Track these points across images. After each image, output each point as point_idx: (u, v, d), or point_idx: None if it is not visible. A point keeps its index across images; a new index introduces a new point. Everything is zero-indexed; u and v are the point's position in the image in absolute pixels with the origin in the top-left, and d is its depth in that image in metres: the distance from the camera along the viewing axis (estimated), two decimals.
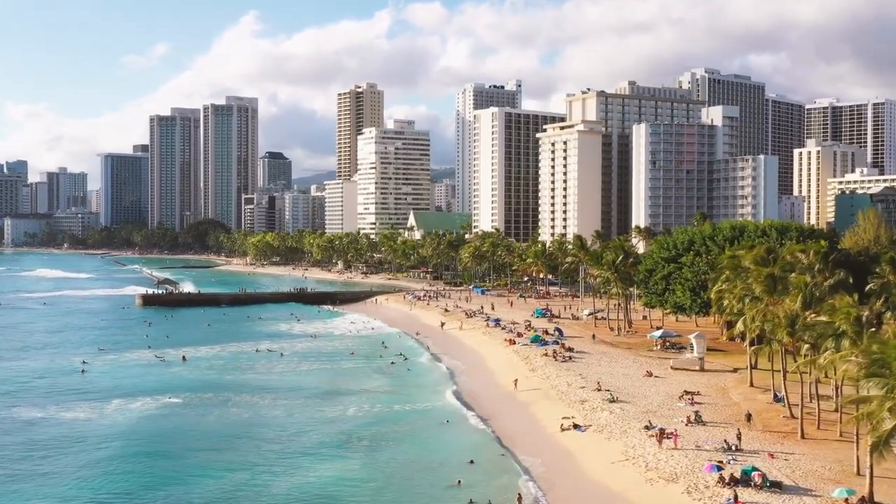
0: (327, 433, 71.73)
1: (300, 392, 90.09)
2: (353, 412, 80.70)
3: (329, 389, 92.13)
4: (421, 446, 67.76)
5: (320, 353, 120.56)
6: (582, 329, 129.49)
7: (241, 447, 67.25)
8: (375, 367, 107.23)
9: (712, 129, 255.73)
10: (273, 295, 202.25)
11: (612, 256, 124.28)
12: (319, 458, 64.31)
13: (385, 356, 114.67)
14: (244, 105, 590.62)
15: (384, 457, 64.79)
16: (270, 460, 63.68)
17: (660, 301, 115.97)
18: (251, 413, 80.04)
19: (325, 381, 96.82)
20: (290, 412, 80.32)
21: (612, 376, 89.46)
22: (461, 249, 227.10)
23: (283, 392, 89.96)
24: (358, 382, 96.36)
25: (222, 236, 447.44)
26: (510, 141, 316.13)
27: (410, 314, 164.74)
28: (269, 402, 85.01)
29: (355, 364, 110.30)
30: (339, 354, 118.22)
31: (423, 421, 76.35)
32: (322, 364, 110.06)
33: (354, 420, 77.19)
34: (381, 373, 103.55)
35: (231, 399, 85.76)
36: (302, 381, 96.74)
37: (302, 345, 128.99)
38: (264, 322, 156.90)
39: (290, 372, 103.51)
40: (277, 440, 69.78)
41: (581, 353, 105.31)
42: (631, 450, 61.57)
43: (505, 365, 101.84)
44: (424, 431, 72.58)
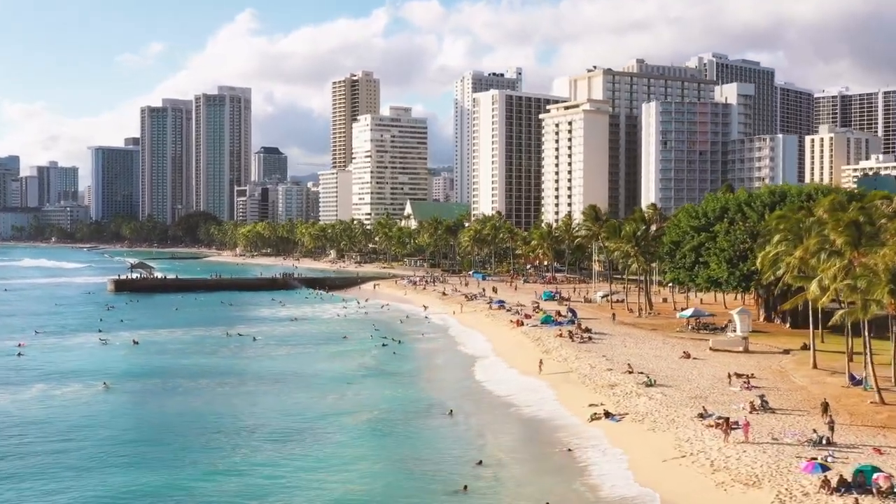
0: (294, 425, 56.99)
1: (271, 378, 75.29)
2: (331, 400, 66.00)
3: (307, 375, 77.36)
4: (417, 443, 53.16)
5: (303, 336, 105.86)
6: (597, 311, 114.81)
7: (177, 440, 52.63)
8: (363, 351, 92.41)
9: (727, 107, 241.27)
10: (257, 280, 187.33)
11: (632, 227, 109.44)
12: (278, 457, 49.54)
13: (376, 339, 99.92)
14: (237, 96, 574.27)
15: (368, 456, 50.05)
16: (214, 457, 48.96)
17: (689, 276, 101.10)
18: (202, 401, 65.28)
19: (304, 366, 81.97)
20: (253, 400, 65.59)
21: (642, 358, 74.77)
22: (460, 233, 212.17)
23: (248, 378, 75.19)
24: (341, 367, 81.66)
25: (213, 228, 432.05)
26: (511, 125, 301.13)
27: (404, 299, 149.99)
28: (228, 389, 70.25)
29: (341, 348, 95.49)
30: (325, 338, 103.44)
31: (418, 412, 61.65)
32: (303, 348, 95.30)
33: (332, 410, 62.45)
34: (369, 357, 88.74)
35: (181, 385, 71.05)
36: (275, 367, 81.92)
37: (283, 329, 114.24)
38: (243, 307, 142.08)
39: (261, 356, 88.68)
40: (229, 432, 55.09)
41: (601, 334, 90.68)
42: (686, 444, 46.86)
43: (514, 347, 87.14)
44: (421, 424, 57.91)
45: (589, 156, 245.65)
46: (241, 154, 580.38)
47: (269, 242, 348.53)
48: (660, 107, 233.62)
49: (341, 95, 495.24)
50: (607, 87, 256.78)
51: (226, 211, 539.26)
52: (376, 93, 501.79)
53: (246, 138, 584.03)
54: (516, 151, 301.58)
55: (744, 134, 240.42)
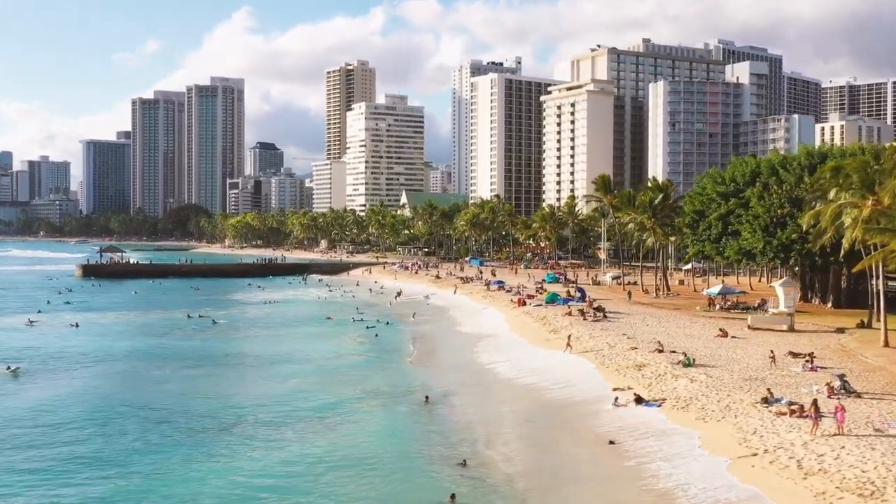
0: (227, 418, 44.14)
1: (220, 362, 62.63)
2: (294, 384, 53.39)
3: (267, 358, 64.58)
4: (394, 438, 40.41)
5: (276, 319, 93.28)
6: (608, 293, 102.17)
7: (78, 432, 39.90)
8: (341, 333, 79.71)
9: (738, 87, 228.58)
10: (235, 266, 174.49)
11: (648, 196, 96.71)
12: (195, 457, 36.80)
13: (360, 321, 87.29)
14: (229, 87, 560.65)
15: (329, 454, 37.42)
16: (117, 454, 36.31)
17: (716, 249, 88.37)
18: (129, 386, 52.63)
19: (266, 349, 69.18)
20: (194, 387, 52.86)
21: (670, 337, 62.14)
22: (457, 218, 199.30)
23: (191, 361, 62.48)
24: (311, 349, 68.92)
25: (203, 220, 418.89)
26: (511, 111, 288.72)
27: (396, 283, 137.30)
28: (167, 372, 57.63)
29: (317, 329, 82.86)
30: (300, 321, 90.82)
31: (399, 399, 48.96)
32: (273, 331, 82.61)
33: (294, 397, 49.76)
34: (347, 339, 76.10)
35: (110, 369, 58.61)
36: (231, 349, 69.24)
37: (255, 311, 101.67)
38: (217, 291, 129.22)
39: (219, 338, 75.92)
40: (148, 422, 42.39)
41: (616, 313, 78.01)
42: (755, 437, 34.18)
43: (517, 327, 74.42)
44: (400, 414, 45.19)
45: (593, 139, 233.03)
46: (235, 147, 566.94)
47: (259, 234, 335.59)
48: (668, 86, 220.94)
49: (336, 86, 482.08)
50: (612, 68, 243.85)
51: (218, 204, 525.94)
52: (372, 83, 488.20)
53: (239, 131, 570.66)
54: (516, 138, 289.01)
55: (756, 115, 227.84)
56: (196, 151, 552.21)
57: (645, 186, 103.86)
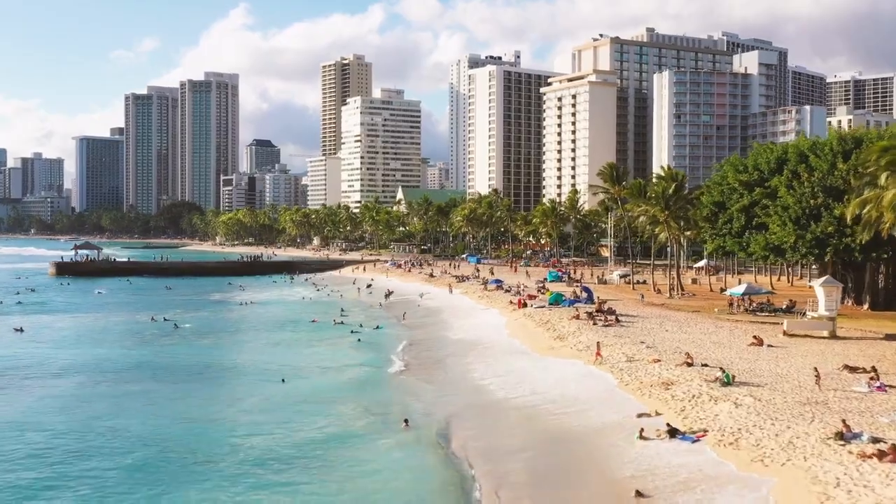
0: (179, 452, 35.31)
1: (171, 373, 53.81)
2: (252, 405, 44.57)
3: (225, 370, 55.77)
4: (366, 479, 31.51)
5: (249, 322, 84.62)
6: (617, 292, 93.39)
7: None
8: (322, 339, 70.75)
9: (746, 78, 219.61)
10: (220, 264, 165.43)
11: (660, 187, 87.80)
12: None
13: (341, 324, 78.44)
14: (224, 82, 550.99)
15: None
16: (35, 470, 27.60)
17: (738, 244, 79.45)
18: (55, 401, 43.71)
19: (226, 358, 60.34)
20: (131, 409, 43.92)
21: (697, 346, 53.33)
22: (453, 213, 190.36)
23: (138, 372, 53.66)
24: (284, 361, 59.96)
25: (196, 218, 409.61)
26: (510, 104, 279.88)
27: (386, 282, 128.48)
28: (103, 388, 48.74)
29: (294, 335, 73.89)
30: (277, 324, 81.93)
31: (375, 426, 40.19)
32: (241, 336, 73.97)
33: (247, 424, 40.91)
34: (325, 345, 67.18)
35: (38, 382, 49.65)
36: (188, 358, 60.31)
37: (228, 314, 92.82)
38: (193, 291, 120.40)
39: (181, 345, 67.01)
40: (63, 442, 33.59)
41: (629, 316, 69.18)
42: (842, 493, 25.34)
43: (518, 332, 65.54)
44: (374, 448, 36.38)
45: (595, 132, 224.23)
46: (230, 143, 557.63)
47: (251, 231, 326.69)
48: (674, 77, 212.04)
49: (331, 80, 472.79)
50: (615, 58, 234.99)
51: (212, 201, 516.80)
52: (368, 78, 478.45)
53: (234, 127, 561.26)
54: (515, 133, 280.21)
55: (765, 107, 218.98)
56: (190, 148, 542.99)
57: (656, 176, 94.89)
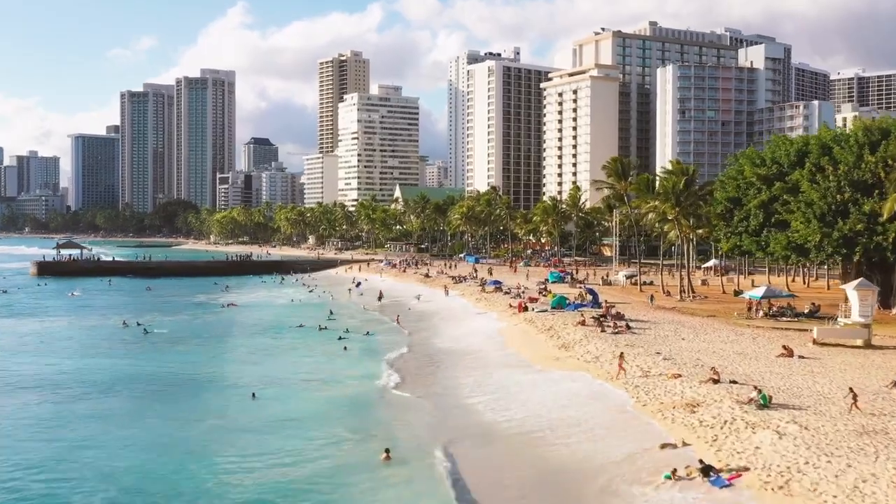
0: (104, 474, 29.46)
1: (129, 391, 47.84)
2: (209, 427, 38.75)
3: (190, 383, 49.89)
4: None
5: (230, 327, 78.79)
6: (623, 295, 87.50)
7: None
8: (304, 346, 64.90)
9: (752, 72, 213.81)
10: (208, 264, 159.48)
11: (670, 182, 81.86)
12: None
13: (325, 329, 72.59)
14: (220, 79, 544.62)
15: None
16: None
17: (755, 243, 73.49)
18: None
19: (195, 370, 54.45)
20: (70, 423, 38.04)
21: (720, 357, 47.48)
22: (450, 211, 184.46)
23: (86, 387, 47.74)
24: (258, 374, 54.05)
25: (191, 216, 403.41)
26: (509, 100, 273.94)
27: (379, 283, 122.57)
28: (36, 407, 42.75)
29: (276, 341, 67.98)
30: (259, 329, 76.02)
31: (347, 460, 34.32)
32: (216, 343, 67.99)
33: (199, 447, 35.08)
34: (306, 354, 61.32)
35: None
36: (156, 369, 54.40)
37: (209, 317, 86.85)
38: (176, 292, 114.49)
39: (147, 354, 61.14)
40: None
41: (640, 321, 63.27)
42: None
43: (517, 341, 59.65)
44: (339, 488, 30.50)
45: (596, 128, 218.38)
46: (226, 141, 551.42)
47: (246, 230, 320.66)
48: (678, 71, 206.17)
49: (328, 77, 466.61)
50: (617, 52, 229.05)
51: (208, 200, 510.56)
52: (365, 75, 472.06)
53: (230, 124, 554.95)
54: (514, 129, 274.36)
55: (772, 102, 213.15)
56: (186, 145, 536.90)
57: (665, 171, 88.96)
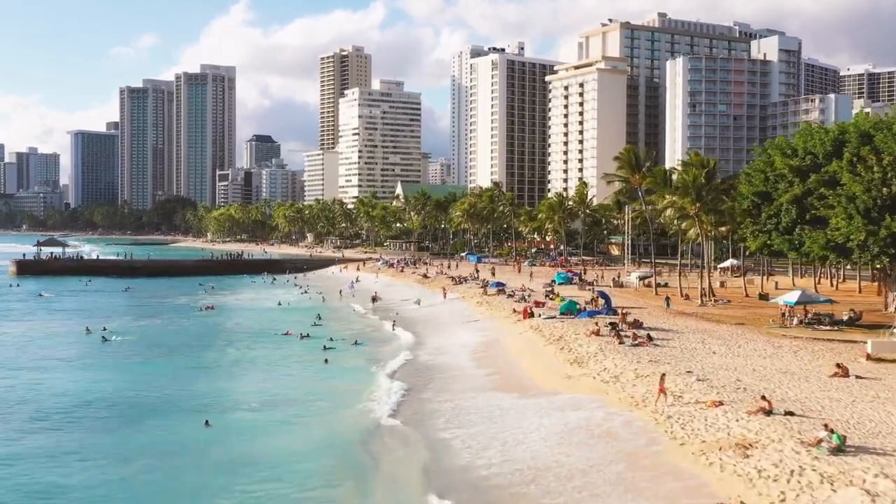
0: None
1: (66, 408, 40.70)
2: (143, 466, 31.46)
3: (150, 406, 42.63)
4: None
5: (205, 334, 71.45)
6: (637, 298, 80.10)
7: None
8: (281, 358, 57.70)
9: (766, 64, 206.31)
10: (196, 263, 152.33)
11: (692, 174, 74.35)
12: None
13: (308, 337, 65.39)
14: (220, 75, 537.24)
15: None
16: None
17: (787, 243, 66.02)
18: None
19: (157, 388, 47.18)
20: None
21: (762, 377, 40.08)
22: (452, 208, 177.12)
23: (25, 407, 40.61)
24: (230, 389, 46.90)
25: (189, 213, 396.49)
26: (513, 94, 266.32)
27: (374, 284, 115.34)
28: None
29: (251, 352, 60.78)
30: (241, 337, 68.97)
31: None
32: (187, 354, 60.66)
33: (122, 493, 27.76)
34: (284, 369, 54.07)
35: None
36: (100, 386, 47.16)
37: (184, 322, 79.69)
38: (155, 292, 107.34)
39: (97, 367, 53.91)
40: None
41: (661, 330, 55.84)
42: None
43: (523, 353, 52.30)
44: None
45: (603, 122, 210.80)
46: (226, 138, 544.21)
47: (243, 227, 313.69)
48: (688, 63, 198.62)
49: (329, 72, 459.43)
50: (625, 44, 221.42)
51: (208, 197, 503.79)
52: (367, 70, 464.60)
53: (230, 121, 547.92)
54: (519, 125, 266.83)
55: (785, 96, 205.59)
56: (185, 142, 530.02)
57: (683, 163, 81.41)
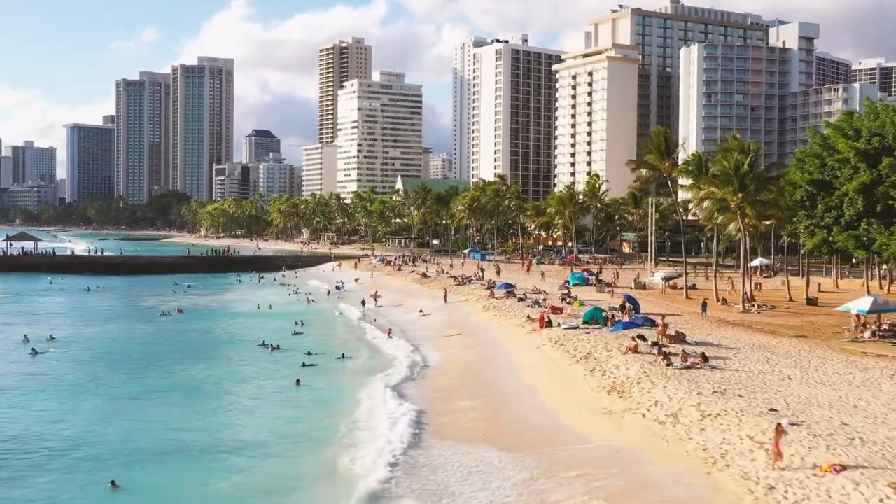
0: None
1: None
2: None
3: (46, 448, 32.39)
4: None
5: (165, 344, 61.25)
6: (667, 303, 69.78)
7: None
8: (249, 379, 47.44)
9: (785, 52, 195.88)
10: (177, 260, 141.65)
11: (734, 160, 63.86)
12: None
13: (278, 349, 55.19)
14: (217, 67, 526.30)
15: None
16: None
17: (854, 241, 55.63)
18: None
19: (67, 422, 36.94)
20: None
21: (868, 415, 29.74)
22: (453, 202, 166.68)
23: None
24: (168, 425, 36.63)
25: (184, 208, 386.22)
26: (517, 86, 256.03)
27: (369, 282, 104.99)
28: None
29: (214, 371, 50.59)
30: (211, 347, 58.97)
31: None
32: (130, 370, 50.41)
33: None
34: (249, 394, 43.79)
35: None
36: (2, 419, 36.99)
37: (143, 329, 69.40)
38: (121, 293, 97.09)
39: (14, 388, 43.69)
40: None
41: (710, 346, 45.38)
42: None
43: (543, 376, 41.83)
44: None
45: (613, 113, 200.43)
46: (223, 131, 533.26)
47: (239, 222, 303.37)
48: (704, 51, 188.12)
49: (329, 65, 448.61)
50: (636, 32, 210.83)
51: (205, 192, 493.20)
52: (367, 62, 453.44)
53: (228, 114, 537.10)
54: (524, 117, 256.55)
55: (806, 86, 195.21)
56: (182, 135, 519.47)
57: (721, 149, 70.93)
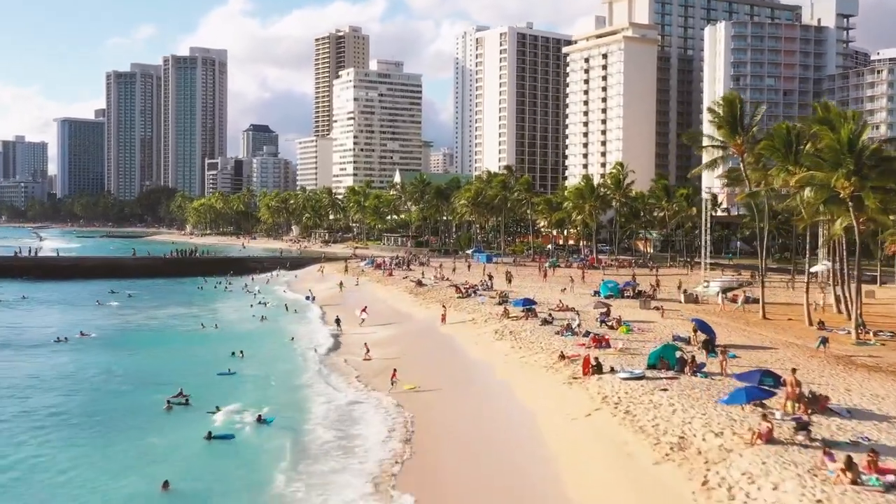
0: None
1: None
2: None
3: None
4: None
5: (33, 393, 43.70)
6: (735, 325, 51.93)
7: None
8: (107, 464, 29.69)
9: (821, 31, 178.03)
10: (137, 262, 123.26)
11: (846, 133, 45.90)
12: None
13: (190, 406, 37.41)
14: (210, 58, 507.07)
15: None
16: None
17: None
18: None
19: None
20: None
21: None
22: (455, 196, 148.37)
23: None
24: None
25: (173, 204, 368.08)
26: (524, 72, 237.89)
27: (351, 291, 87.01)
28: None
29: (63, 445, 32.95)
30: (92, 397, 41.58)
31: None
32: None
33: None
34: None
35: None
36: None
37: (21, 363, 51.72)
38: (65, 302, 79.57)
39: None
40: None
41: (874, 419, 27.46)
42: None
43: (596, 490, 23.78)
44: None
45: (631, 99, 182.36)
46: (217, 125, 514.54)
47: (227, 219, 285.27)
48: (731, 29, 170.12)
49: (325, 55, 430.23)
50: (655, 10, 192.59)
51: (197, 186, 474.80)
52: (365, 52, 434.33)
53: (221, 107, 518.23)
54: (530, 105, 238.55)
55: (843, 68, 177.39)
56: (173, 129, 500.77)
57: (817, 119, 52.69)
